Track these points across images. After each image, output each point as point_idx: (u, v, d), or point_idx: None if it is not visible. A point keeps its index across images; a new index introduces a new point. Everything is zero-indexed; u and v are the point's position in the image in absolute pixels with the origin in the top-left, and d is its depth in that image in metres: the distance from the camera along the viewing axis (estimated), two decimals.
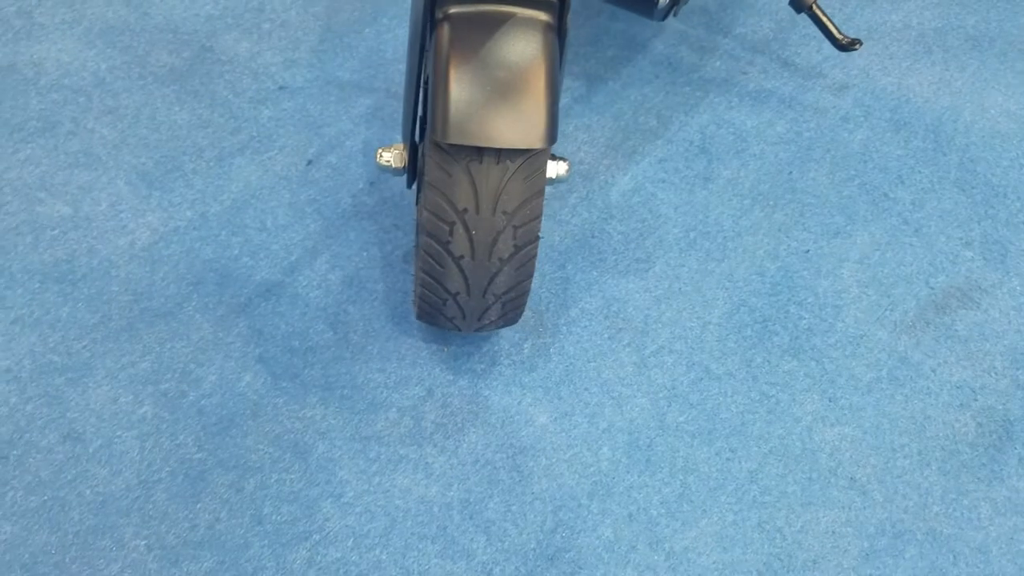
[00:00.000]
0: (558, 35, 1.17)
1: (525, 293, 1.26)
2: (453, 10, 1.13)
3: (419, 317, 1.31)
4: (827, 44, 1.82)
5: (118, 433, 1.29)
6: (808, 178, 1.64)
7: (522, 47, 1.12)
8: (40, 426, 1.30)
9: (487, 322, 1.28)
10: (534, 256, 1.22)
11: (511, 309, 1.27)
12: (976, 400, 1.39)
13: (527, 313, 1.45)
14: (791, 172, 1.65)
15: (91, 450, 1.28)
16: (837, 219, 1.59)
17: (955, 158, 1.69)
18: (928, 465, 1.33)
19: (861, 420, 1.37)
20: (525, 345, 1.42)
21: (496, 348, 1.41)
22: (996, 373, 1.42)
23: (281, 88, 1.72)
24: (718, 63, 1.80)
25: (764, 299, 1.49)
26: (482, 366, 1.39)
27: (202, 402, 1.33)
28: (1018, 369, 1.42)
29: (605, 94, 1.74)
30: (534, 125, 1.10)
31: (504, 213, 1.15)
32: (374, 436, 1.31)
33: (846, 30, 1.88)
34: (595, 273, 1.51)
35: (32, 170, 1.57)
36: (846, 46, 1.67)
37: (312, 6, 1.84)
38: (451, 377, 1.37)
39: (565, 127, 1.69)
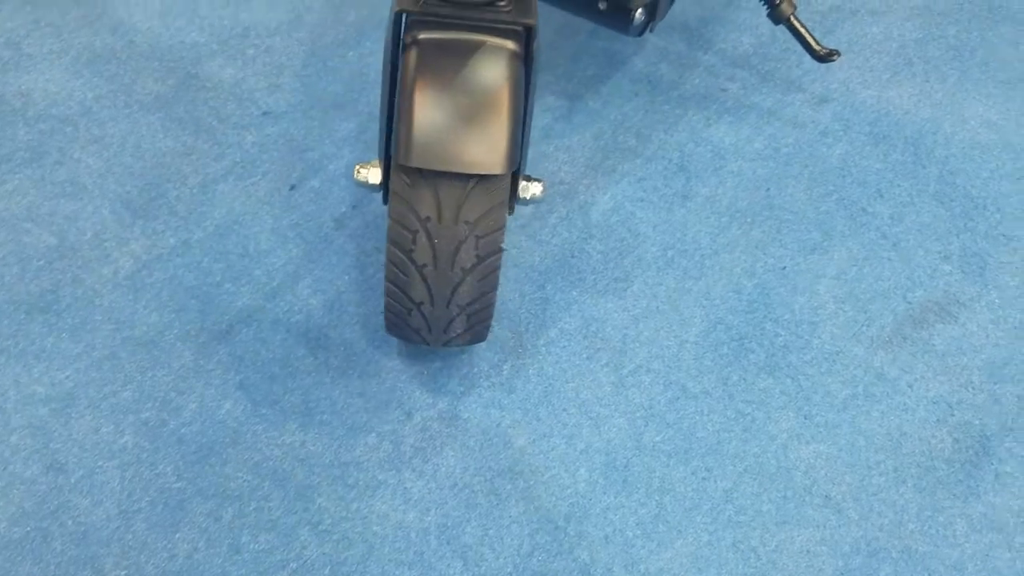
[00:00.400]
0: (525, 63, 1.17)
1: (490, 306, 1.25)
2: (422, 35, 1.14)
3: (388, 330, 1.31)
4: (807, 58, 1.80)
5: (99, 463, 1.29)
6: (786, 194, 1.63)
7: (487, 74, 1.12)
8: (24, 457, 1.30)
9: (453, 335, 1.28)
10: (497, 268, 1.21)
11: (477, 322, 1.27)
12: (953, 415, 1.38)
13: (506, 333, 1.45)
14: (769, 188, 1.64)
15: (73, 480, 1.28)
16: (814, 235, 1.58)
17: (934, 171, 1.67)
18: (904, 482, 1.31)
19: (836, 437, 1.36)
20: (504, 366, 1.41)
21: (476, 370, 1.40)
22: (973, 388, 1.41)
23: (265, 113, 1.72)
24: (697, 80, 1.79)
25: (741, 317, 1.48)
26: (462, 388, 1.39)
27: (182, 430, 1.33)
28: (995, 383, 1.41)
29: (585, 113, 1.73)
30: (494, 151, 1.11)
31: (466, 223, 1.16)
32: (353, 462, 1.30)
33: (826, 43, 1.87)
34: (574, 293, 1.50)
35: (19, 200, 1.58)
36: (824, 57, 1.67)
37: (296, 31, 1.84)
38: (431, 400, 1.37)
39: (545, 148, 1.69)
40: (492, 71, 1.12)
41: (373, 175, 1.27)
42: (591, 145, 1.69)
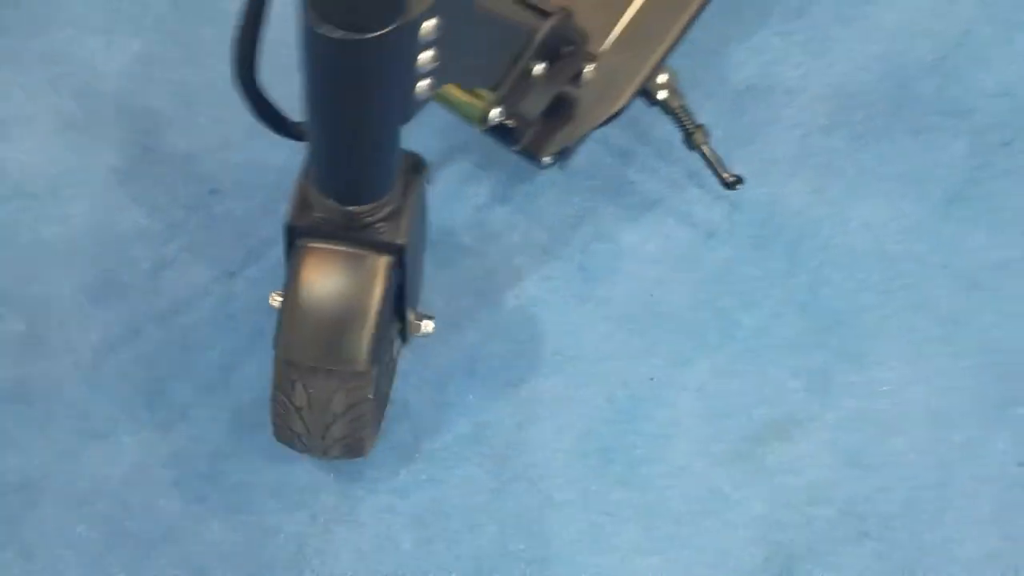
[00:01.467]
0: (403, 271, 1.38)
1: (363, 439, 1.50)
2: (307, 244, 1.35)
3: (278, 440, 1.55)
4: None
5: (60, 552, 1.58)
6: (669, 300, 1.82)
7: (358, 283, 1.36)
8: (1, 544, 1.59)
9: (333, 456, 1.53)
10: (366, 412, 1.46)
11: (352, 450, 1.52)
12: (768, 534, 1.63)
13: (408, 437, 1.69)
14: (653, 294, 1.83)
15: (38, 567, 1.57)
16: (686, 345, 1.78)
17: (805, 280, 1.85)
18: None
19: (670, 551, 1.61)
20: (402, 471, 1.66)
21: (377, 474, 1.66)
22: (791, 508, 1.65)
23: (212, 191, 1.90)
24: (609, 170, 1.94)
25: (610, 427, 1.71)
26: (362, 491, 1.65)
27: (127, 524, 1.60)
28: (812, 505, 1.65)
29: (504, 205, 1.89)
30: (358, 352, 1.35)
31: (339, 378, 1.39)
32: (264, 562, 1.58)
33: (737, 124, 2.00)
34: (471, 396, 1.73)
35: None
36: (730, 185, 1.79)
37: None
38: (334, 502, 1.63)
39: (467, 239, 1.86)
40: (363, 281, 1.35)
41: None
42: (505, 238, 1.87)
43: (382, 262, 1.34)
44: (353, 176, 1.28)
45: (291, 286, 1.35)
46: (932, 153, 1.98)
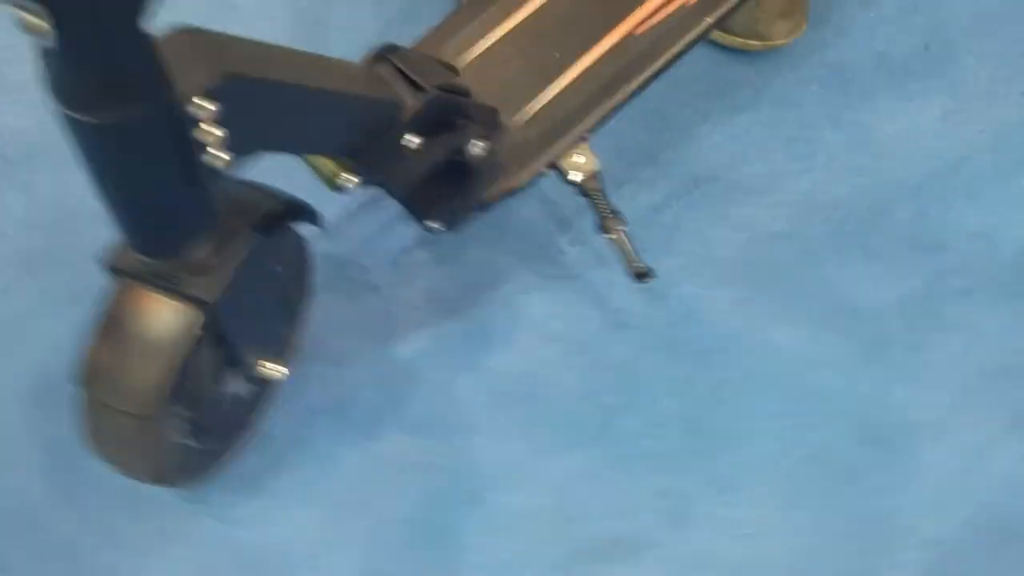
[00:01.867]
0: (221, 325, 1.27)
1: (165, 475, 1.40)
2: (123, 283, 1.26)
3: None
4: (652, 231, 1.73)
5: None
6: (557, 384, 1.64)
7: (160, 328, 1.24)
8: None
9: (147, 483, 1.44)
10: (165, 452, 1.35)
11: (163, 482, 1.41)
12: None
13: (259, 467, 1.58)
14: (547, 375, 1.65)
15: None
16: (560, 437, 1.60)
17: (701, 392, 1.62)
18: None
19: None
20: (242, 503, 1.49)
21: (220, 500, 1.51)
22: None
23: None
24: (544, 236, 1.76)
25: (453, 502, 1.54)
26: (200, 514, 1.50)
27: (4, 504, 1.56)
28: None
29: (425, 250, 1.75)
30: (143, 395, 1.26)
31: (130, 416, 1.29)
32: (89, 567, 1.53)
33: (685, 212, 1.78)
34: (332, 440, 1.60)
35: None
36: (638, 276, 1.58)
37: None
38: (172, 520, 1.53)
39: (374, 279, 1.75)
40: (163, 330, 1.24)
41: None
42: (416, 286, 1.72)
43: (187, 315, 1.24)
44: (138, 232, 1.18)
45: (97, 320, 1.28)
46: (881, 287, 1.70)
